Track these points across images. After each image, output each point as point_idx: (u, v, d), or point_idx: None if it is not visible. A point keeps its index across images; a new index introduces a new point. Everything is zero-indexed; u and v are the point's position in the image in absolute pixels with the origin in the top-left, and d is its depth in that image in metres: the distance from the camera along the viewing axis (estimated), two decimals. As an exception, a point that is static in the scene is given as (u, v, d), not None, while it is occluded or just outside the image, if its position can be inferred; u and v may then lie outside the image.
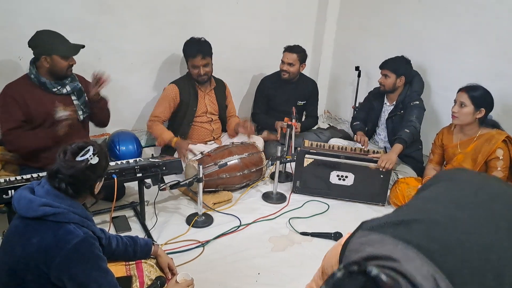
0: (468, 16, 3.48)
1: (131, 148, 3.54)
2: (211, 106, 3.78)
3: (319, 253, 2.73)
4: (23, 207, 1.55)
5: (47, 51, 2.78)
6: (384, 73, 3.59)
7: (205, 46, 3.54)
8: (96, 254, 1.58)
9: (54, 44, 2.80)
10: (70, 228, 1.54)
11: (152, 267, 1.98)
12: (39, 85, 2.86)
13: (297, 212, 3.25)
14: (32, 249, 1.50)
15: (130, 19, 3.64)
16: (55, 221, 1.54)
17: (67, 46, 2.84)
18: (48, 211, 1.53)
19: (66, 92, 2.94)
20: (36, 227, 1.54)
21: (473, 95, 2.90)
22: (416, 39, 3.93)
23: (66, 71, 2.86)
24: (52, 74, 2.86)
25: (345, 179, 3.37)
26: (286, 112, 3.80)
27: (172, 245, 2.71)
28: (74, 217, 1.58)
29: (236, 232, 2.94)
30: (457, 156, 3.07)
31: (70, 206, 1.59)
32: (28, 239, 1.52)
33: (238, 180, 3.42)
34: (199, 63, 3.51)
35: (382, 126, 3.81)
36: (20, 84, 2.85)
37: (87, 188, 1.68)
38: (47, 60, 2.79)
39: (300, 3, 4.62)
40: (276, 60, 4.11)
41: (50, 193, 1.59)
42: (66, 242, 1.51)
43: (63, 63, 2.82)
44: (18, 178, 2.45)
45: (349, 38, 4.75)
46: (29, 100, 2.81)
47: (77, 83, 3.02)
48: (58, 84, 2.90)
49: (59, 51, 2.79)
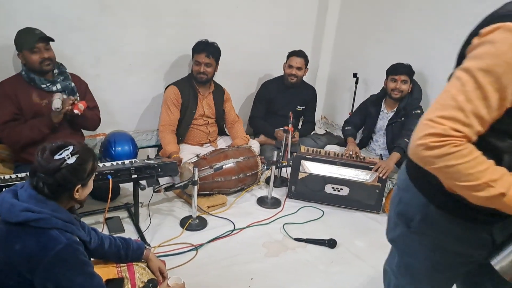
0: (468, 25, 3.46)
1: (127, 149, 3.52)
2: (208, 109, 3.77)
3: (313, 259, 2.74)
4: (5, 212, 1.50)
5: (18, 48, 2.84)
6: (404, 78, 3.54)
7: (213, 48, 3.59)
8: (80, 259, 1.55)
9: (22, 39, 2.83)
10: (53, 234, 1.50)
11: (144, 269, 1.97)
12: (29, 82, 2.88)
13: (291, 217, 3.24)
14: (15, 255, 1.46)
15: (130, 20, 3.63)
16: (37, 226, 1.49)
17: (32, 38, 2.81)
18: (30, 217, 1.48)
19: (56, 90, 2.94)
20: (18, 232, 1.49)
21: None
22: (415, 47, 3.93)
23: (40, 65, 2.83)
24: (32, 70, 2.86)
25: (340, 190, 3.37)
26: (285, 117, 3.80)
27: (165, 248, 2.70)
28: (57, 222, 1.52)
29: (230, 236, 2.93)
30: None
31: (53, 211, 1.54)
32: (11, 245, 1.47)
33: (233, 184, 3.41)
34: (203, 60, 3.54)
35: (380, 132, 3.80)
36: (13, 81, 2.89)
37: (65, 190, 1.59)
38: (22, 57, 2.84)
39: (299, 9, 4.63)
40: (275, 64, 4.11)
41: (32, 197, 1.54)
42: (49, 249, 1.46)
43: (32, 57, 2.81)
44: (13, 176, 2.43)
45: (348, 44, 4.75)
46: (20, 97, 2.84)
47: (69, 82, 3.02)
48: (48, 81, 2.91)
49: (24, 45, 2.80)
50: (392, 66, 3.61)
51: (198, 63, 3.56)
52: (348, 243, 2.95)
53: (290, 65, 4.06)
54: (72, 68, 3.21)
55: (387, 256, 1.67)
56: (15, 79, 2.91)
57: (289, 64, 4.06)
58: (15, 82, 2.88)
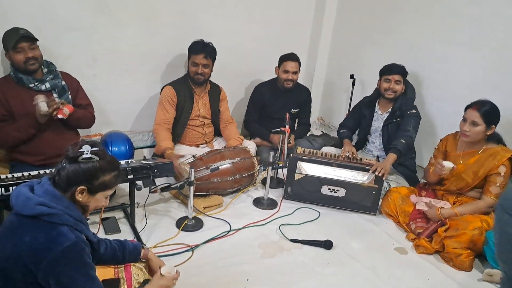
0: (463, 28, 3.50)
1: (123, 149, 3.51)
2: (204, 109, 3.77)
3: (309, 260, 2.74)
4: (20, 204, 1.55)
5: (4, 48, 2.86)
6: (397, 78, 3.53)
7: (210, 49, 3.59)
8: (84, 260, 1.56)
9: (6, 39, 2.83)
10: (63, 230, 1.53)
11: (141, 270, 1.96)
12: (17, 81, 2.88)
13: (288, 218, 3.23)
14: (24, 247, 1.49)
15: (127, 20, 3.62)
16: (49, 221, 1.52)
17: (15, 38, 2.80)
18: (43, 211, 1.52)
19: (45, 88, 2.94)
20: (30, 225, 1.52)
21: (485, 114, 2.86)
22: (411, 49, 3.94)
23: (24, 65, 2.83)
24: (18, 70, 2.87)
25: (337, 192, 3.37)
26: (280, 120, 3.79)
27: (161, 249, 2.69)
28: (68, 219, 1.56)
29: (226, 237, 2.93)
30: (458, 166, 3.05)
31: (67, 208, 1.58)
32: (21, 237, 1.51)
33: (230, 185, 3.40)
34: (200, 61, 3.53)
35: (375, 134, 3.80)
36: (2, 82, 2.91)
37: (71, 185, 1.61)
38: (8, 57, 2.86)
39: (297, 10, 4.63)
40: (272, 65, 4.10)
41: (48, 193, 1.58)
42: (56, 244, 1.49)
43: (17, 56, 2.81)
44: (9, 176, 2.42)
45: (344, 46, 4.76)
46: (9, 97, 2.85)
47: (59, 80, 3.01)
48: (36, 80, 2.91)
49: (8, 45, 2.81)
50: (385, 67, 3.61)
51: (196, 64, 3.55)
52: (344, 244, 2.95)
53: (285, 70, 3.99)
54: (69, 68, 3.21)
55: None
56: (4, 80, 2.92)
57: (285, 70, 3.99)
58: (4, 83, 2.89)
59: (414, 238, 3.03)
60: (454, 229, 2.80)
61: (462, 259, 2.73)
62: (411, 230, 3.09)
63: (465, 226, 2.76)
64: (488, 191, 2.92)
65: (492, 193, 2.89)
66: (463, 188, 3.07)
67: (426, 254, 2.91)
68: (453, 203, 3.10)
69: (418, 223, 3.06)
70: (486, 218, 2.83)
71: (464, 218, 2.85)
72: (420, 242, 2.93)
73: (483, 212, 2.91)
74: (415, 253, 2.92)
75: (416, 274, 2.71)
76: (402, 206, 3.20)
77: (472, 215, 2.87)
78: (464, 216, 2.88)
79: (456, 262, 2.75)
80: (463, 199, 3.09)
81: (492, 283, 2.65)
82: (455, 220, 2.86)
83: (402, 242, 3.04)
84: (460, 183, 3.06)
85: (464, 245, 2.73)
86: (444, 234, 2.83)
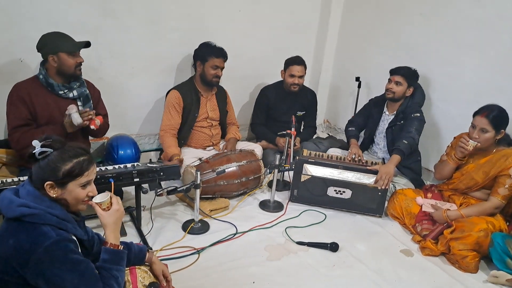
0: (469, 30, 3.50)
1: (129, 152, 3.52)
2: (212, 111, 3.78)
3: (315, 263, 2.74)
4: (5, 207, 1.56)
5: (53, 50, 2.78)
6: (397, 79, 3.53)
7: (226, 52, 3.64)
8: (69, 257, 1.54)
9: (59, 42, 2.81)
10: (44, 230, 1.53)
11: (146, 273, 1.96)
12: (46, 86, 2.86)
13: (294, 221, 3.24)
14: (9, 250, 1.50)
15: (133, 23, 3.64)
16: (31, 222, 1.53)
17: (72, 43, 2.84)
18: (24, 212, 1.53)
19: (72, 96, 2.93)
20: (14, 228, 1.54)
21: (494, 120, 2.84)
22: (417, 51, 3.95)
23: (74, 69, 2.85)
24: (61, 74, 2.85)
25: (343, 193, 3.37)
26: (286, 122, 3.80)
27: (167, 251, 2.70)
28: (51, 218, 1.56)
29: (232, 240, 2.93)
30: (468, 165, 3.06)
31: (49, 207, 1.58)
32: (6, 239, 1.52)
33: (236, 188, 3.41)
34: (221, 64, 3.60)
35: (381, 135, 3.80)
36: (29, 84, 2.85)
37: (40, 184, 1.60)
38: (54, 59, 2.79)
39: (302, 13, 4.64)
40: (278, 68, 4.11)
41: (30, 194, 1.59)
42: (37, 244, 1.49)
43: (70, 60, 2.81)
44: (15, 179, 2.43)
45: (350, 49, 4.76)
46: (35, 100, 2.81)
47: (84, 89, 3.01)
48: (65, 87, 2.90)
49: (64, 48, 2.79)
50: (394, 67, 3.61)
51: (217, 67, 3.58)
52: (350, 246, 2.95)
53: (291, 74, 4.00)
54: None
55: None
56: (31, 82, 2.87)
57: (291, 74, 4.00)
58: (30, 85, 2.85)
59: (420, 240, 3.02)
60: (460, 231, 2.80)
61: (468, 261, 2.72)
62: (417, 232, 3.09)
63: (470, 228, 2.76)
64: (496, 192, 2.91)
65: (500, 194, 2.88)
66: (472, 187, 3.06)
67: (432, 256, 2.90)
68: (459, 204, 3.10)
69: (424, 225, 3.05)
70: (491, 219, 2.83)
71: (469, 220, 2.84)
72: (426, 244, 2.92)
73: (489, 213, 2.90)
74: (421, 255, 2.92)
75: (422, 276, 2.70)
76: (408, 208, 3.20)
77: (478, 216, 2.87)
78: (469, 218, 2.87)
79: (462, 264, 2.74)
80: (470, 200, 3.09)
81: (498, 284, 2.64)
82: (460, 222, 2.85)
83: (408, 244, 3.04)
84: (470, 182, 3.06)
85: (470, 247, 2.72)
86: (450, 236, 2.82)
